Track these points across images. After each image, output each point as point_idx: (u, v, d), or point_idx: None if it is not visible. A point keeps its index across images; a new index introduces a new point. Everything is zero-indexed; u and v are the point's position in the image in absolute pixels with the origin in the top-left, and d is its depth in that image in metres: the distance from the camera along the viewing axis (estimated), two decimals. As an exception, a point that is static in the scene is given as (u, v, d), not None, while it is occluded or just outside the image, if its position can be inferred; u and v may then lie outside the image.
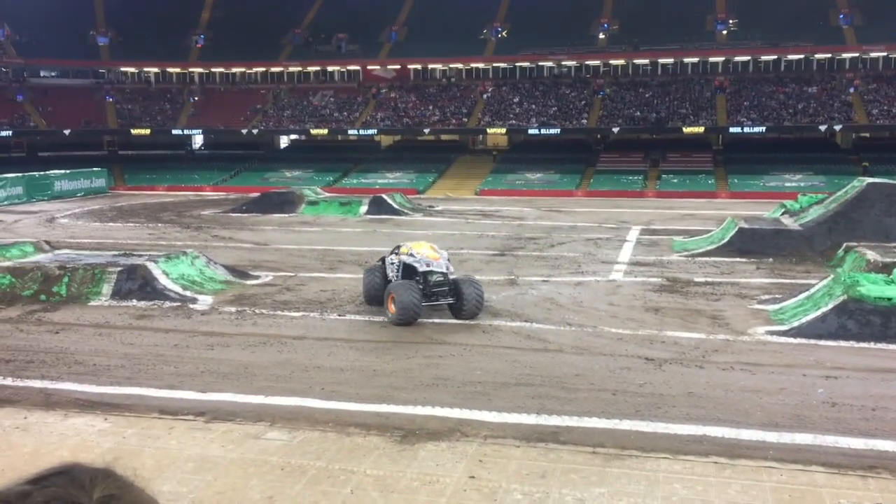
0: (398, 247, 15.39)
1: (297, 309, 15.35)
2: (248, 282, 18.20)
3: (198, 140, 64.03)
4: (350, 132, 56.47)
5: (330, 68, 61.79)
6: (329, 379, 10.81)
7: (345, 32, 61.47)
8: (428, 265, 14.30)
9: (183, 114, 60.19)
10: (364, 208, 34.36)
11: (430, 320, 14.18)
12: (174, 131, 58.60)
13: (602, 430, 8.83)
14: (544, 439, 8.54)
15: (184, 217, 34.18)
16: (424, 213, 35.04)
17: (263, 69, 62.15)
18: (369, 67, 60.61)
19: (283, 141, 63.91)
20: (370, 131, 56.33)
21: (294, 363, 11.61)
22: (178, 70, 63.22)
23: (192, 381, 10.76)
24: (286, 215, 33.84)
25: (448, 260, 14.77)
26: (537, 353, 12.14)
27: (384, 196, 35.24)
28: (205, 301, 15.93)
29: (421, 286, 14.05)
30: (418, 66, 60.30)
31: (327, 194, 39.82)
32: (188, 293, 16.28)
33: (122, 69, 63.63)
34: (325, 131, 56.12)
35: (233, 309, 15.29)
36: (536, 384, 10.49)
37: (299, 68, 61.47)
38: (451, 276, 14.35)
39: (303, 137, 60.26)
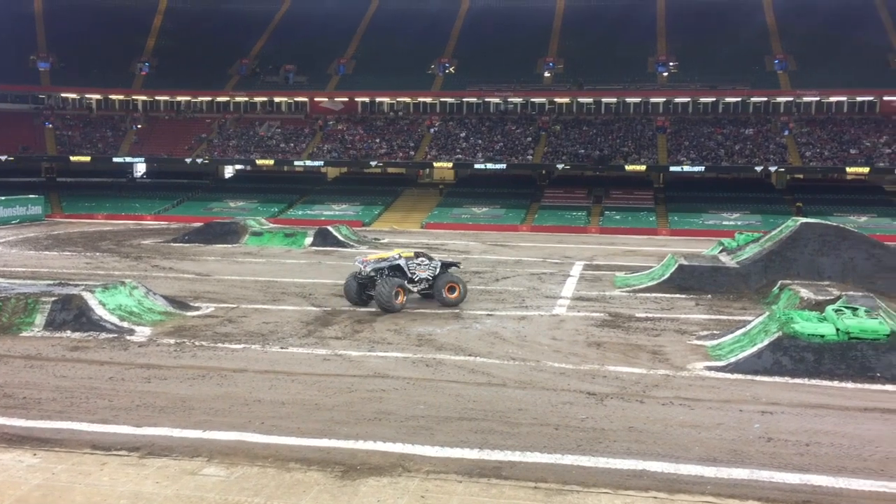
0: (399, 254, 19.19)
1: (239, 341, 15.11)
2: (189, 313, 17.86)
3: (140, 168, 62.93)
4: (296, 163, 56.22)
5: (277, 99, 61.59)
6: (269, 413, 10.63)
7: (293, 64, 61.43)
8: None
9: (125, 141, 59.17)
10: (309, 240, 34.14)
11: (376, 353, 14.13)
12: (115, 159, 57.48)
13: (544, 465, 8.85)
14: (487, 474, 8.52)
15: (123, 246, 33.45)
16: (370, 245, 34.96)
17: (209, 98, 61.63)
18: (317, 99, 60.60)
19: (228, 171, 63.29)
20: (317, 163, 56.18)
21: (234, 397, 11.39)
22: (121, 97, 62.28)
23: (127, 415, 10.47)
24: (229, 246, 33.42)
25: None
26: (480, 387, 12.14)
27: (329, 228, 35.08)
28: (143, 332, 15.57)
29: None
30: (366, 99, 60.54)
31: (272, 225, 39.47)
32: (125, 324, 15.90)
33: (63, 95, 62.42)
34: (271, 162, 55.78)
35: (172, 341, 14.98)
36: (479, 418, 10.49)
37: (246, 98, 61.15)
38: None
39: (248, 168, 59.78)
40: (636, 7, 62.82)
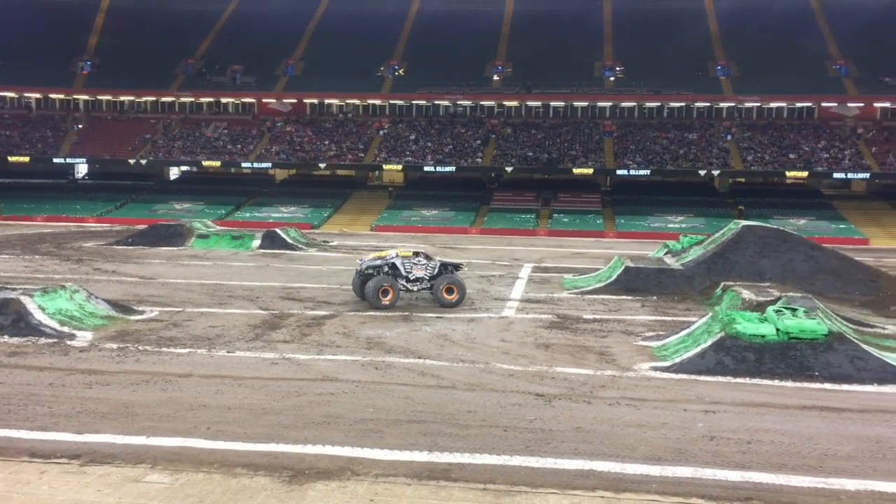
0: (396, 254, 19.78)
1: (184, 345, 14.85)
2: (132, 317, 17.49)
3: (81, 169, 61.51)
4: (244, 165, 55.56)
5: (224, 100, 60.79)
6: (216, 418, 10.47)
7: (240, 64, 60.74)
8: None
9: (66, 142, 57.75)
10: (257, 242, 33.75)
11: (325, 357, 14.04)
12: (56, 159, 56.12)
13: (493, 467, 8.88)
14: (436, 477, 8.52)
15: (64, 249, 32.61)
16: (319, 248, 34.71)
17: (154, 98, 60.53)
18: (265, 100, 59.98)
19: (174, 172, 62.25)
20: (265, 164, 55.60)
21: (179, 402, 11.19)
22: (61, 96, 60.77)
23: (68, 421, 10.20)
24: (175, 249, 32.84)
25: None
26: (430, 389, 12.14)
27: (278, 230, 34.72)
28: (84, 337, 15.19)
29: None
30: (315, 101, 60.14)
31: (219, 228, 38.89)
32: (66, 329, 15.48)
33: (1, 94, 60.61)
34: (218, 163, 55.03)
35: (114, 345, 14.65)
36: (429, 421, 10.48)
37: (192, 99, 60.22)
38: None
39: (194, 169, 58.88)
40: (584, 13, 63.63)
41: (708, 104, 56.16)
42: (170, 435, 9.73)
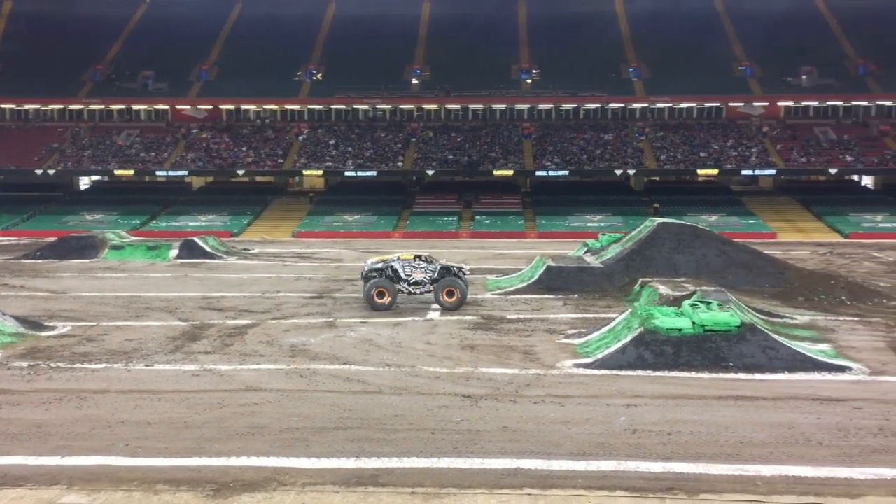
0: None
1: (99, 361, 14.37)
2: (43, 333, 16.83)
3: (-16, 181, 58.80)
4: (158, 173, 54.07)
5: (136, 107, 59.09)
6: (134, 434, 10.17)
7: (151, 70, 59.16)
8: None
9: (-33, 152, 55.12)
10: (174, 252, 32.92)
11: (248, 366, 13.80)
12: (-44, 171, 53.54)
13: (421, 470, 8.90)
14: (364, 483, 8.49)
15: (-33, 264, 31.14)
16: (239, 256, 34.08)
17: (61, 106, 58.39)
18: (178, 107, 58.54)
19: (84, 182, 60.15)
20: (180, 172, 54.26)
21: (95, 419, 10.83)
22: (-40, 105, 58.08)
23: (-24, 445, 9.75)
24: (87, 261, 31.74)
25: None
26: (356, 395, 12.07)
27: (196, 239, 33.93)
28: (-9, 356, 14.54)
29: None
30: (231, 107, 59.04)
31: (134, 238, 37.76)
32: (-29, 348, 14.79)
33: None
34: (131, 172, 53.41)
35: (24, 363, 14.07)
36: (356, 427, 10.43)
37: (101, 106, 58.35)
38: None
39: (106, 178, 57.04)
40: (499, 17, 64.39)
41: (622, 105, 57.51)
42: (86, 454, 9.41)
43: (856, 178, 57.62)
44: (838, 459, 9.22)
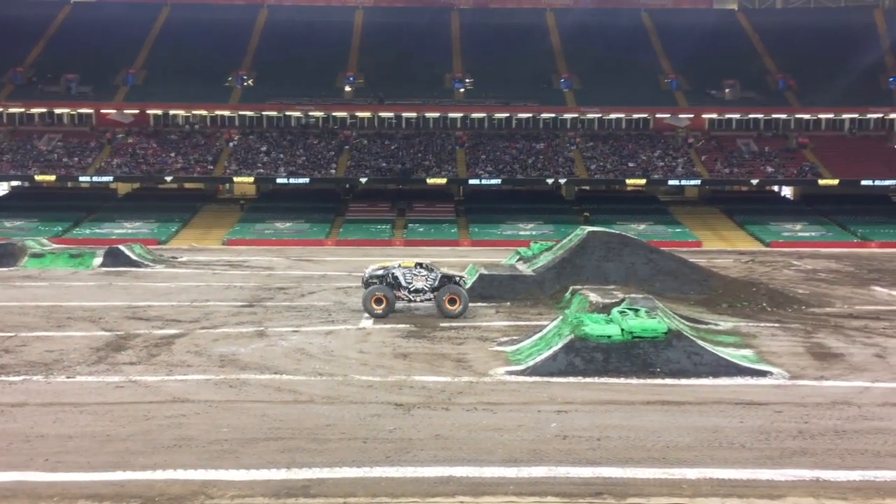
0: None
1: (17, 373, 13.84)
2: (-43, 345, 16.13)
3: None
4: (82, 179, 52.50)
5: (58, 110, 57.24)
6: (54, 448, 9.83)
7: (75, 73, 57.38)
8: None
9: None
10: (98, 260, 32.01)
11: (175, 377, 13.47)
12: None
13: (353, 480, 8.83)
14: (294, 494, 8.38)
15: None
16: (167, 264, 33.32)
17: (-23, 109, 56.22)
18: (103, 111, 56.98)
19: (2, 188, 57.90)
20: (105, 178, 52.79)
21: (12, 433, 10.42)
22: None
23: None
24: (5, 269, 30.59)
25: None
26: (287, 405, 11.92)
27: (121, 247, 33.02)
28: None
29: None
30: (159, 112, 57.76)
31: (55, 246, 36.58)
32: None
33: None
34: (53, 178, 51.74)
35: (-64, 377, 13.45)
36: (287, 437, 10.29)
37: (21, 109, 56.38)
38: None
39: (26, 184, 55.14)
40: (432, 26, 64.72)
41: (553, 115, 58.35)
42: (3, 469, 9.06)
43: (776, 188, 59.77)
44: (760, 462, 9.50)
